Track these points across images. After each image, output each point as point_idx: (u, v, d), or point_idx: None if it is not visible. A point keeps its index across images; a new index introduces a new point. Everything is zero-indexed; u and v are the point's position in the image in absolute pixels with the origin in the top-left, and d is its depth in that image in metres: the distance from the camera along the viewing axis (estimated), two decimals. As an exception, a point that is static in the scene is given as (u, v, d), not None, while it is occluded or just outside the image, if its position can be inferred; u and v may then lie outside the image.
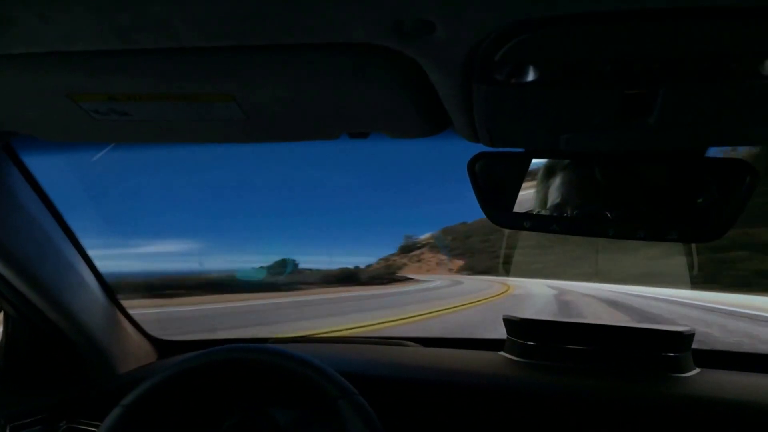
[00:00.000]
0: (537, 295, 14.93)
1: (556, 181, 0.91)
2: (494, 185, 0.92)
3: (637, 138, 0.78)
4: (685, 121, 0.70)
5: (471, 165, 0.90)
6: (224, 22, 0.55)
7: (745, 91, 0.62)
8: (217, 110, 0.79)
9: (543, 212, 0.92)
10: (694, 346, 1.35)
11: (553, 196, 0.91)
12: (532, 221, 0.91)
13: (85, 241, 1.35)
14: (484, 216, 0.93)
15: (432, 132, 0.85)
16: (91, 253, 1.38)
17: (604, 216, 0.88)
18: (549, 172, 0.92)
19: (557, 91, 0.64)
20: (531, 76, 0.61)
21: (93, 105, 0.78)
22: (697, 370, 1.31)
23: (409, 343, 1.67)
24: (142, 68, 0.67)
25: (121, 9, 0.53)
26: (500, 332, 1.52)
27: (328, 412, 0.98)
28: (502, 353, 1.46)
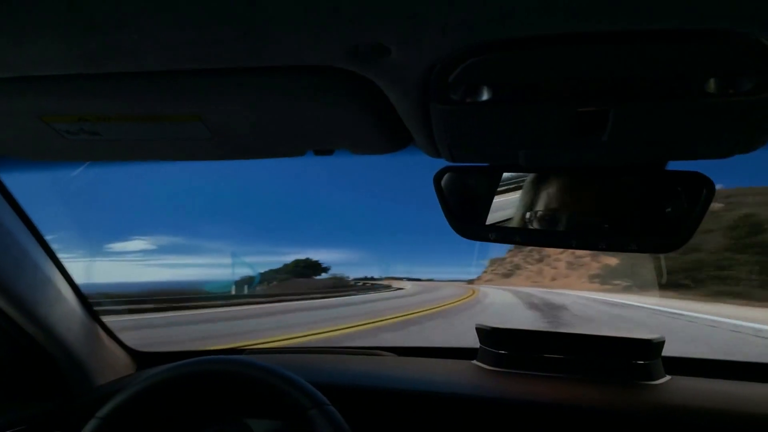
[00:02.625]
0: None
1: (520, 195, 0.93)
2: (459, 198, 0.94)
3: (592, 154, 0.81)
4: (637, 138, 0.73)
5: (437, 179, 0.93)
6: (188, 48, 0.57)
7: (691, 110, 0.65)
8: (185, 130, 0.81)
9: (507, 224, 0.94)
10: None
11: (517, 208, 0.93)
12: (496, 233, 0.93)
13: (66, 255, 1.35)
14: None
15: (395, 148, 0.88)
16: (73, 264, 1.38)
17: (566, 228, 0.91)
18: (513, 186, 0.93)
19: (512, 109, 0.67)
20: (485, 96, 0.64)
21: (64, 126, 0.80)
22: (667, 378, 1.34)
23: (383, 352, 1.68)
24: (111, 91, 0.70)
25: (90, 36, 0.55)
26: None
27: (301, 422, 0.99)
28: (474, 362, 1.49)
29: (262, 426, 1.14)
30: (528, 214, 0.92)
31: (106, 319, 1.57)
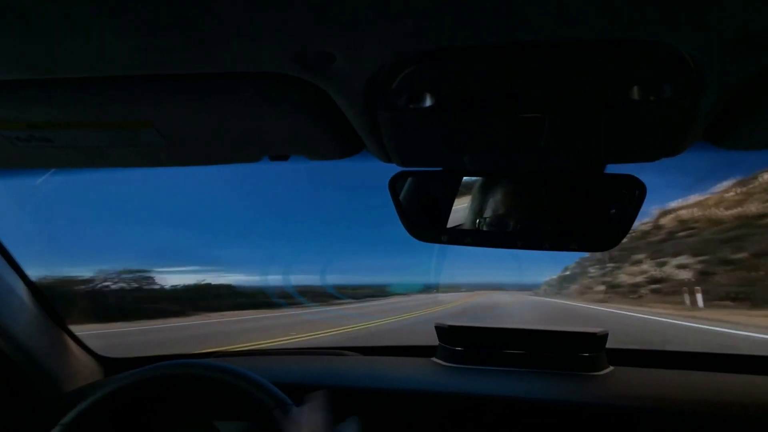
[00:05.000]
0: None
1: (470, 199, 0.96)
2: (413, 202, 0.97)
3: (533, 159, 0.85)
4: (571, 144, 0.77)
5: (392, 183, 0.95)
6: (137, 54, 0.58)
7: (617, 116, 0.69)
8: (138, 136, 0.81)
9: (458, 227, 0.97)
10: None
11: (468, 211, 0.97)
12: (448, 235, 0.96)
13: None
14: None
15: (348, 154, 0.91)
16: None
17: (513, 229, 0.95)
18: (464, 190, 0.97)
19: (454, 116, 0.70)
20: (428, 103, 0.67)
21: (13, 132, 0.80)
22: (610, 369, 1.41)
23: (348, 352, 1.71)
24: (60, 97, 0.70)
25: (36, 42, 0.55)
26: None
27: (266, 422, 1.00)
28: (434, 359, 1.53)
29: (230, 428, 1.15)
30: (477, 217, 0.96)
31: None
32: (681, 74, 0.59)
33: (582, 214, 0.95)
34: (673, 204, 28.98)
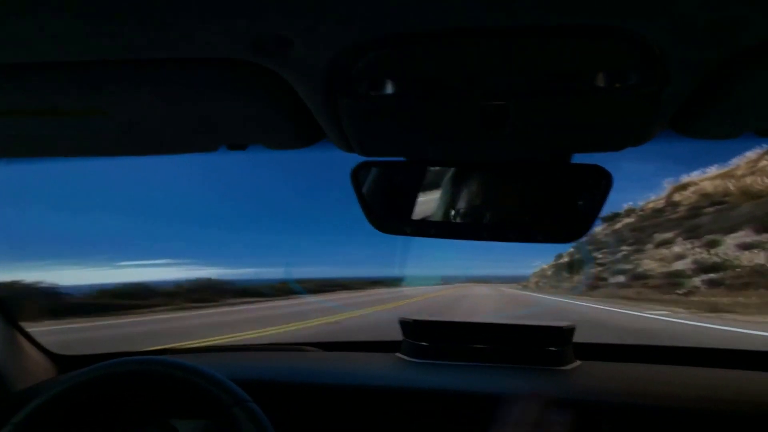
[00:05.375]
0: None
1: (435, 189, 0.95)
2: (376, 193, 0.95)
3: (498, 147, 0.84)
4: (536, 131, 0.76)
5: (354, 174, 0.93)
6: (87, 39, 0.55)
7: (582, 104, 0.68)
8: (89, 125, 0.79)
9: (423, 218, 0.95)
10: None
11: (433, 202, 0.95)
12: (412, 227, 0.95)
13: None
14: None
15: (308, 143, 0.89)
16: None
17: (479, 221, 0.93)
18: (429, 180, 0.95)
19: (416, 103, 0.69)
20: (390, 89, 0.66)
21: None
22: (577, 363, 1.40)
23: (309, 348, 1.70)
24: (5, 83, 0.67)
25: None
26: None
27: (224, 420, 0.98)
28: (398, 354, 1.51)
29: (188, 426, 1.13)
30: (442, 208, 0.94)
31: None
32: (646, 61, 0.58)
33: (548, 205, 0.94)
34: (687, 178, 27.01)
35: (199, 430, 1.14)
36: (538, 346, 1.41)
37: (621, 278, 24.55)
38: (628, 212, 31.79)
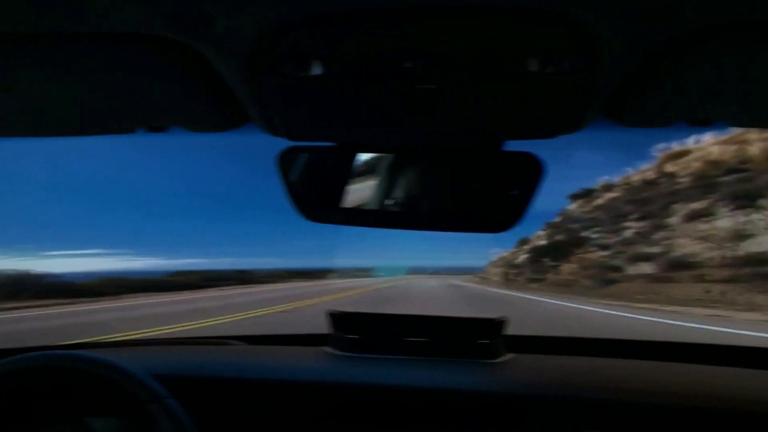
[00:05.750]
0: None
1: (365, 176, 0.93)
2: (304, 180, 0.93)
3: (429, 133, 0.83)
4: (466, 117, 0.76)
5: (279, 159, 0.91)
6: None
7: (514, 88, 0.68)
8: None
9: (352, 206, 0.93)
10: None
11: (363, 190, 0.93)
12: (341, 215, 0.93)
13: None
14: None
15: (231, 126, 0.86)
16: None
17: (410, 209, 0.92)
18: (358, 167, 0.93)
19: (344, 85, 0.67)
20: (317, 70, 0.64)
21: None
22: (509, 356, 1.40)
23: (233, 341, 1.66)
24: None
25: None
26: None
27: (141, 417, 0.95)
28: (326, 348, 1.49)
29: (103, 424, 1.08)
30: (372, 196, 0.93)
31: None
32: (580, 47, 0.58)
33: (480, 193, 0.93)
34: (679, 146, 23.90)
35: (116, 428, 1.09)
36: (469, 338, 1.41)
37: (646, 266, 18.35)
38: (606, 187, 30.03)
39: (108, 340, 1.98)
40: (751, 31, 0.56)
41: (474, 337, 1.41)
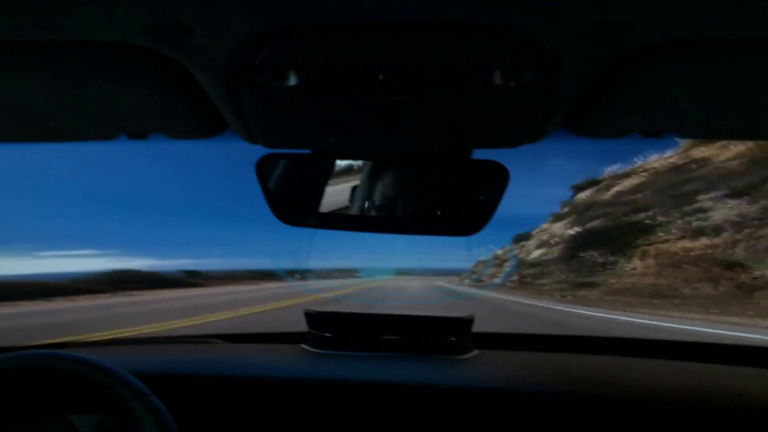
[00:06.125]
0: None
1: (340, 182, 0.96)
2: (281, 185, 0.96)
3: (400, 141, 0.86)
4: (436, 126, 0.78)
5: (258, 166, 0.94)
6: None
7: (479, 100, 0.71)
8: None
9: (327, 210, 0.97)
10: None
11: (337, 195, 0.96)
12: (316, 219, 0.96)
13: None
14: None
15: (211, 133, 0.88)
16: None
17: (383, 213, 0.95)
18: (333, 173, 0.96)
19: (319, 94, 0.70)
20: (292, 81, 0.67)
21: None
22: (475, 352, 1.45)
23: (214, 340, 1.69)
24: None
25: None
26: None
27: (123, 414, 0.96)
28: (303, 346, 1.52)
29: (87, 422, 1.10)
30: (347, 201, 0.96)
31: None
32: (539, 60, 0.61)
33: (448, 199, 0.97)
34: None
35: (99, 425, 1.11)
36: (439, 336, 1.45)
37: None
38: (627, 173, 26.73)
39: (90, 339, 1.99)
40: (702, 46, 0.60)
41: (443, 334, 1.45)
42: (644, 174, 24.51)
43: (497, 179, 0.90)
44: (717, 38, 0.58)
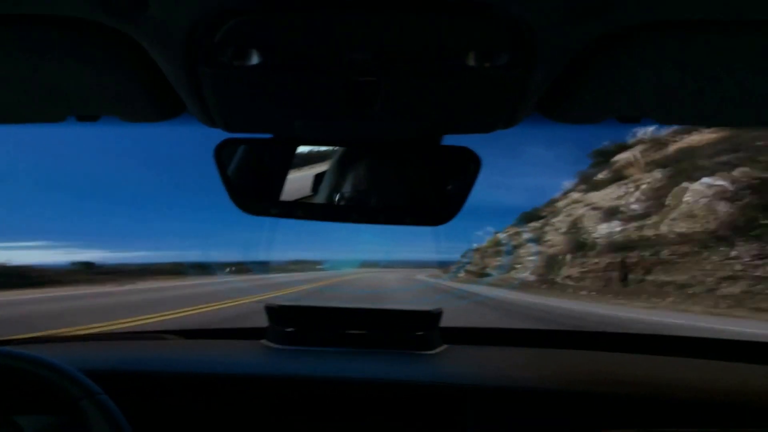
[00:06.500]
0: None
1: (303, 168, 0.93)
2: (241, 172, 0.92)
3: (368, 126, 0.83)
4: (406, 110, 0.76)
5: (217, 151, 0.90)
6: None
7: (452, 83, 0.68)
8: None
9: (290, 199, 0.93)
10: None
11: (301, 182, 0.93)
12: (278, 208, 0.93)
13: None
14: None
15: (166, 116, 0.84)
16: None
17: (348, 201, 0.92)
18: (297, 159, 0.93)
19: (282, 75, 0.66)
20: (254, 60, 0.63)
21: None
22: (444, 347, 1.42)
23: (168, 335, 1.65)
24: None
25: None
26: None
27: (73, 414, 0.92)
28: (263, 341, 1.48)
29: (34, 423, 1.05)
30: (310, 188, 0.93)
31: None
32: (515, 42, 0.59)
33: (417, 187, 0.95)
34: None
35: (47, 426, 1.07)
36: (405, 330, 1.42)
37: None
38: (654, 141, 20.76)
39: (38, 336, 1.91)
40: (680, 29, 0.58)
41: (410, 329, 1.43)
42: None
43: (468, 167, 0.88)
44: (696, 20, 0.56)
